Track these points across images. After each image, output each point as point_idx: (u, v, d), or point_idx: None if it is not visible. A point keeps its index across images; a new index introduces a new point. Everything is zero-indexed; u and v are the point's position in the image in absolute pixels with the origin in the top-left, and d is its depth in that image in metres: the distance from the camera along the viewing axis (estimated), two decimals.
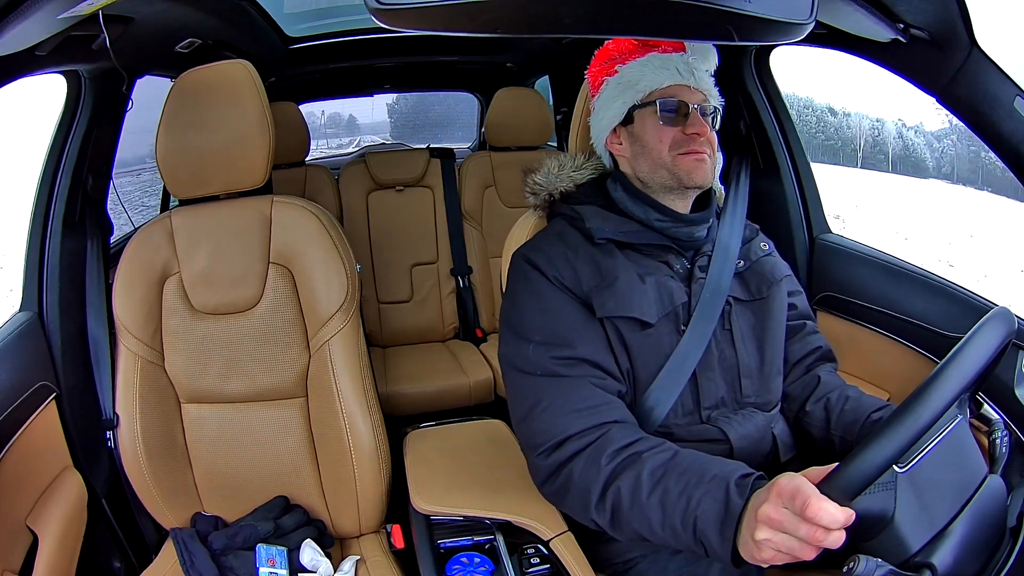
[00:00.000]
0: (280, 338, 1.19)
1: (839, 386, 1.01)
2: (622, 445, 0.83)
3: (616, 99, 0.98)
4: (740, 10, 0.65)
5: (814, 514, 0.62)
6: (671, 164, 0.95)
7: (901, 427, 0.62)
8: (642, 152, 0.97)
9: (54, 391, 1.18)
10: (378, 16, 0.61)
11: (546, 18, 0.66)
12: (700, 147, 0.94)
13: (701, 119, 0.94)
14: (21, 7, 0.78)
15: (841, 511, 0.62)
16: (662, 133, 0.95)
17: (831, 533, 0.63)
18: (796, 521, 0.64)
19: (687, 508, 0.75)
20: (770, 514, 0.66)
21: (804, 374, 1.05)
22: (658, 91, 0.95)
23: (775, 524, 0.65)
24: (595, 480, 0.83)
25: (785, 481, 0.66)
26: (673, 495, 0.77)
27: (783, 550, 0.66)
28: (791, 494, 0.64)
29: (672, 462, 0.80)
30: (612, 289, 0.92)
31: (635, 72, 0.96)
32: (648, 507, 0.78)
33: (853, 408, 0.97)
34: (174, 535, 1.17)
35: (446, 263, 2.36)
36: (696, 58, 0.96)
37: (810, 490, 0.63)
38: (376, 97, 4.25)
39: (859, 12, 0.90)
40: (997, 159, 0.97)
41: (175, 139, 1.15)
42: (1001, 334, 0.70)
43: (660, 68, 0.95)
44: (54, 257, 1.23)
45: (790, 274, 1.07)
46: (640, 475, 0.80)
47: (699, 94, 0.96)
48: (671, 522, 0.77)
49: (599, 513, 0.83)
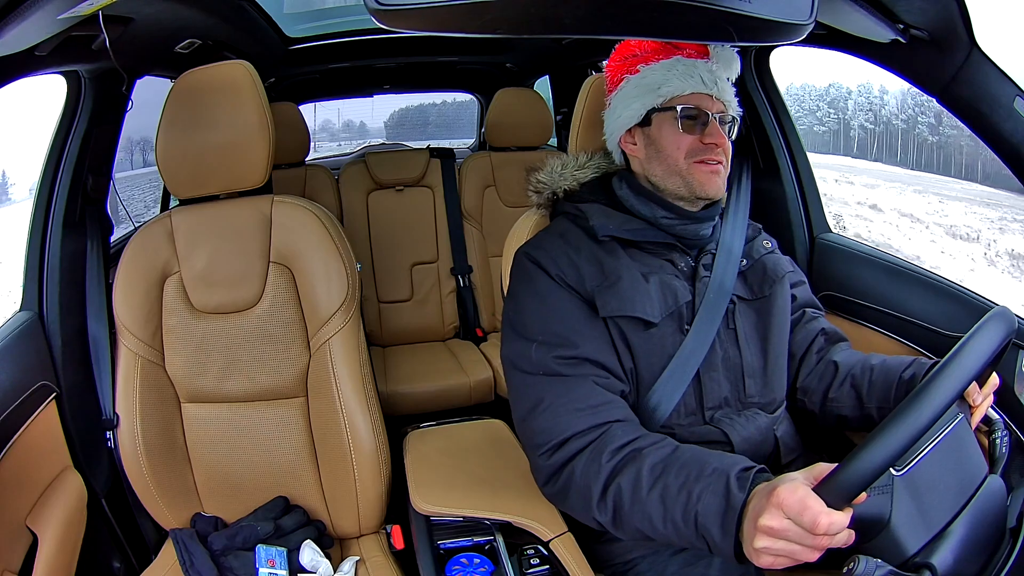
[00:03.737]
0: (280, 338, 1.19)
1: (860, 360, 1.01)
2: (623, 443, 0.83)
3: (636, 99, 0.97)
4: (740, 11, 0.65)
5: (825, 530, 0.62)
6: (685, 172, 0.95)
7: (901, 427, 0.62)
8: (657, 156, 0.97)
9: (54, 391, 1.18)
10: (378, 16, 0.61)
11: (546, 18, 0.66)
12: (717, 156, 0.94)
13: (719, 129, 0.94)
14: (21, 7, 0.77)
15: (844, 515, 0.62)
16: (680, 140, 0.95)
17: (836, 537, 0.63)
18: (802, 533, 0.64)
19: (688, 503, 0.75)
20: (771, 525, 0.65)
21: (817, 363, 1.04)
22: (680, 97, 0.95)
23: (776, 534, 0.65)
24: (596, 478, 0.82)
25: (787, 494, 0.65)
26: (673, 490, 0.76)
27: (784, 555, 0.66)
28: (797, 510, 0.63)
29: (672, 457, 0.80)
30: (615, 288, 0.91)
31: (659, 75, 0.95)
32: (649, 503, 0.78)
33: (881, 375, 0.96)
34: (174, 535, 1.17)
35: (446, 262, 2.36)
36: (719, 66, 0.96)
37: (818, 507, 0.63)
38: (380, 103, 4.31)
39: (859, 12, 0.89)
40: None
41: (175, 139, 1.15)
42: (1001, 334, 0.70)
43: (685, 75, 0.94)
44: (54, 257, 1.23)
45: (793, 269, 1.07)
46: (640, 471, 0.79)
47: (719, 104, 0.95)
48: (672, 517, 0.76)
49: (601, 512, 0.83)
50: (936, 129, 6.15)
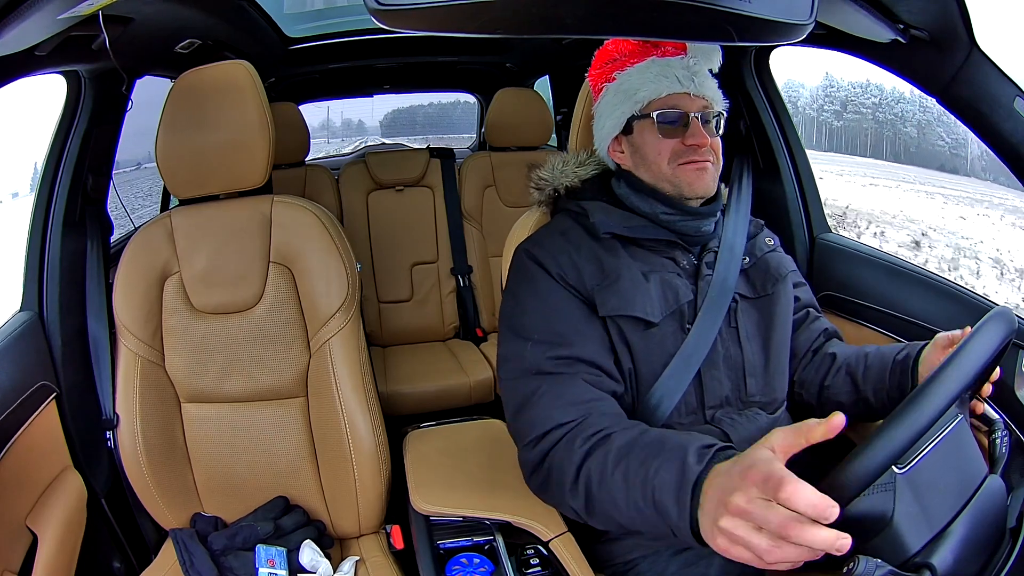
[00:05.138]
0: (280, 338, 1.19)
1: (855, 351, 1.01)
2: (598, 428, 0.82)
3: (615, 108, 0.97)
4: (740, 11, 0.65)
5: (788, 496, 0.55)
6: (671, 176, 0.94)
7: (902, 426, 0.62)
8: (642, 163, 0.96)
9: (54, 391, 1.18)
10: (378, 16, 0.61)
11: (546, 18, 0.66)
12: (702, 156, 0.93)
13: (701, 129, 0.92)
14: (21, 7, 0.78)
15: (823, 500, 0.55)
16: (661, 145, 0.94)
17: (808, 530, 0.55)
18: (766, 508, 0.57)
19: (645, 479, 0.72)
20: (740, 504, 0.59)
21: (814, 357, 1.05)
22: (656, 101, 0.93)
23: (743, 514, 0.59)
24: (570, 464, 0.81)
25: (761, 464, 0.59)
26: (634, 468, 0.74)
27: (742, 543, 0.59)
28: (763, 478, 0.57)
29: (639, 438, 0.77)
30: (615, 288, 0.91)
31: (633, 80, 0.94)
32: (613, 484, 0.76)
33: (876, 360, 0.96)
34: (174, 535, 1.17)
35: (446, 262, 2.36)
36: (698, 60, 0.94)
37: (784, 472, 0.57)
38: (378, 102, 4.46)
39: (859, 12, 0.89)
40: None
41: (175, 139, 1.15)
42: (1001, 334, 0.70)
43: (659, 76, 0.93)
44: (54, 257, 1.23)
45: (795, 268, 1.07)
46: (608, 453, 0.78)
47: (700, 101, 0.94)
48: (633, 497, 0.73)
49: (574, 497, 0.81)
50: (840, 115, 7.74)
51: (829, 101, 7.73)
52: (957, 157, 7.31)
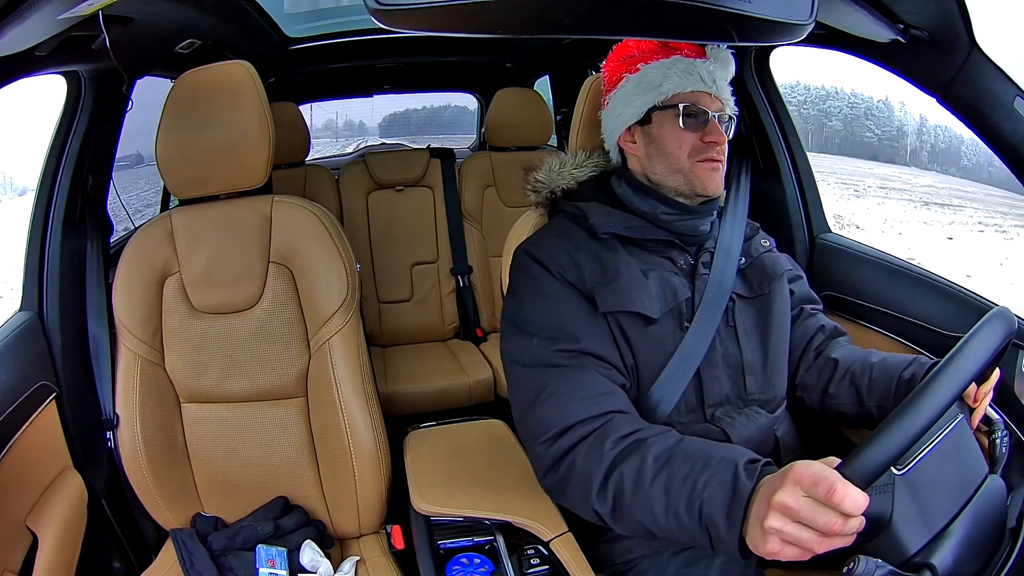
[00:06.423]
0: (280, 337, 1.19)
1: (859, 357, 1.00)
2: (627, 432, 0.82)
3: (636, 98, 0.97)
4: (740, 11, 0.65)
5: (840, 500, 0.59)
6: (688, 170, 0.95)
7: (900, 427, 0.62)
8: (658, 154, 0.97)
9: (54, 391, 1.18)
10: (378, 17, 0.61)
11: (546, 18, 0.66)
12: (717, 155, 0.95)
13: (719, 127, 0.95)
14: (21, 7, 0.78)
15: (862, 496, 0.59)
16: (681, 138, 0.95)
17: (849, 522, 0.60)
18: (816, 509, 0.61)
19: (692, 492, 0.73)
20: (787, 502, 0.62)
21: (815, 359, 1.04)
22: (680, 95, 0.95)
23: (791, 513, 0.62)
24: (598, 467, 0.81)
25: (803, 468, 0.62)
26: (678, 479, 0.74)
27: (791, 541, 0.62)
28: (813, 480, 0.61)
29: (677, 447, 0.78)
30: (615, 284, 0.92)
31: (659, 73, 0.96)
32: (652, 493, 0.76)
33: (882, 374, 0.96)
34: (174, 536, 1.17)
35: (446, 262, 2.36)
36: (717, 66, 0.96)
37: (834, 476, 0.60)
38: (378, 104, 4.54)
39: (859, 12, 0.89)
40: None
41: (175, 139, 1.15)
42: (1001, 334, 0.70)
43: (685, 73, 0.94)
44: (54, 257, 1.23)
45: (792, 267, 1.07)
46: (644, 460, 0.78)
47: (718, 102, 0.96)
48: (675, 507, 0.74)
49: (600, 502, 0.81)
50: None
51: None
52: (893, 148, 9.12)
